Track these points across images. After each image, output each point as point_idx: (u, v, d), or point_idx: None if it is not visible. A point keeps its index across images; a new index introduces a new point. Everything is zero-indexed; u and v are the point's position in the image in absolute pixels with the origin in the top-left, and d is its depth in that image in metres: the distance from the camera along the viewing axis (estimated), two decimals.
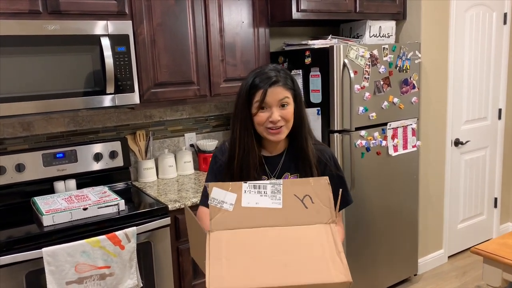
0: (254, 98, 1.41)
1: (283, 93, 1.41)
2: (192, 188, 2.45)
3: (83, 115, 2.52)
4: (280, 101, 1.41)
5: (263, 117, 1.42)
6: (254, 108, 1.42)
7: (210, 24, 2.49)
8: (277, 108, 1.41)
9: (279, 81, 1.42)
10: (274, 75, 1.42)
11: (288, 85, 1.44)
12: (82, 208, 2.01)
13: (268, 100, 1.40)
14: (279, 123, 1.42)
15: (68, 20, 2.07)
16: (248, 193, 1.22)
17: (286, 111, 1.43)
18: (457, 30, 3.28)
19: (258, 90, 1.41)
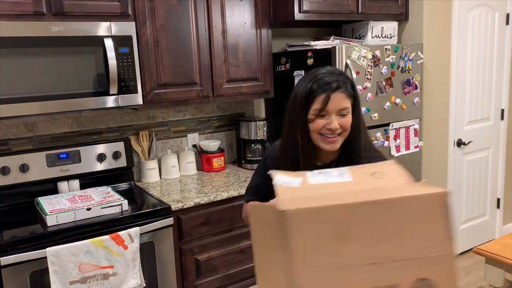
0: (313, 105, 1.33)
1: (345, 101, 1.33)
2: (195, 189, 2.46)
3: (87, 116, 2.53)
4: (341, 110, 1.33)
5: (320, 124, 1.34)
6: (311, 115, 1.34)
7: (212, 25, 2.50)
8: (336, 116, 1.33)
9: (341, 87, 1.33)
10: (335, 80, 1.33)
11: (349, 91, 1.35)
12: (86, 208, 2.03)
13: (329, 107, 1.32)
14: (337, 131, 1.34)
15: (72, 22, 2.08)
16: (314, 176, 1.13)
17: (345, 120, 1.34)
18: (460, 31, 3.28)
19: (318, 96, 1.32)
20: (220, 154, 2.83)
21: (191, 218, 2.25)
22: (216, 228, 2.33)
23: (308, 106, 1.34)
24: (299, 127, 1.36)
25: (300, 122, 1.36)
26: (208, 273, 2.33)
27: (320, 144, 1.36)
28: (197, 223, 2.27)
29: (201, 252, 2.30)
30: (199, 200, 2.26)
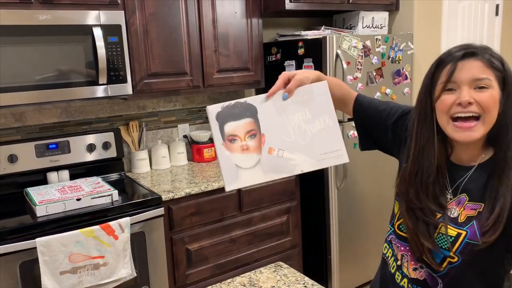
0: (439, 78, 1.03)
1: (483, 70, 0.98)
2: (185, 179, 2.46)
3: (76, 106, 2.51)
4: (476, 81, 0.98)
5: (448, 100, 1.00)
6: (437, 91, 1.03)
7: (203, 14, 2.48)
8: (469, 88, 0.98)
9: (478, 54, 1.00)
10: (474, 47, 1.02)
11: (493, 63, 0.99)
12: (76, 199, 2.02)
13: (457, 76, 0.99)
14: (471, 107, 0.98)
15: (60, 10, 2.05)
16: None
17: (484, 95, 0.97)
18: (450, 21, 3.29)
19: (445, 66, 1.02)
20: (211, 145, 2.83)
21: (182, 208, 2.25)
22: (207, 218, 2.33)
23: (434, 82, 1.04)
24: (422, 108, 1.07)
25: (424, 103, 1.07)
26: (199, 263, 2.34)
27: (450, 133, 1.02)
28: (188, 213, 2.27)
29: (192, 242, 2.30)
30: (190, 190, 2.26)
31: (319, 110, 1.13)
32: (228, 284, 1.36)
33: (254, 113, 1.11)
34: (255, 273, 1.42)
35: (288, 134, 1.11)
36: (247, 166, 1.09)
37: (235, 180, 1.08)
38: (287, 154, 1.10)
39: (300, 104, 1.13)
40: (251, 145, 1.09)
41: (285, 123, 1.11)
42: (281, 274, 1.40)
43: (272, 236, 2.58)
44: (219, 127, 1.09)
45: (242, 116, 1.10)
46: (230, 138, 1.09)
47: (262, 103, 1.12)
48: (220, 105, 1.10)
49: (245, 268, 2.49)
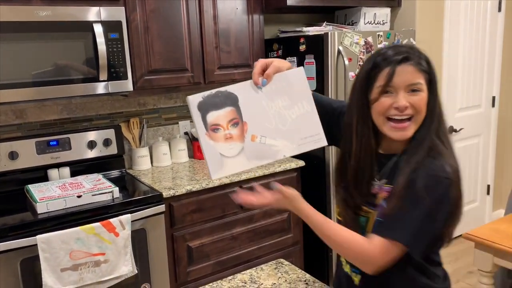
0: (377, 81, 1.10)
1: (416, 75, 1.07)
2: (186, 176, 2.45)
3: (76, 103, 2.50)
4: (410, 85, 1.07)
5: (385, 103, 1.09)
6: (374, 93, 1.10)
7: (204, 10, 2.47)
8: (404, 93, 1.08)
9: (411, 59, 1.08)
10: (404, 51, 1.09)
11: (422, 66, 1.09)
12: (76, 196, 2.01)
13: (395, 81, 1.07)
14: (407, 111, 1.08)
15: (60, 6, 2.04)
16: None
17: (417, 98, 1.07)
18: (452, 18, 3.27)
19: (382, 69, 1.09)
20: None
21: (183, 205, 2.25)
22: (208, 215, 2.33)
23: (371, 83, 1.11)
24: (359, 108, 1.14)
25: (361, 103, 1.14)
26: (200, 260, 2.34)
27: (386, 132, 1.12)
28: (189, 210, 2.27)
29: (193, 239, 2.30)
30: (191, 187, 2.25)
31: (297, 95, 1.16)
32: (229, 281, 1.35)
33: (235, 101, 1.12)
34: (256, 270, 1.41)
35: (269, 120, 1.14)
36: (231, 154, 1.11)
37: (220, 168, 1.10)
38: (269, 141, 1.13)
39: (279, 91, 1.15)
40: (234, 133, 1.11)
41: (266, 110, 1.14)
42: (282, 271, 1.40)
43: (273, 233, 2.58)
44: (201, 117, 1.10)
45: (223, 105, 1.11)
46: (213, 128, 1.10)
47: (242, 91, 1.13)
48: (201, 94, 1.11)
49: (246, 265, 2.48)
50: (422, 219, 1.05)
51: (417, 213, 1.05)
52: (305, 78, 1.17)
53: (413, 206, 1.05)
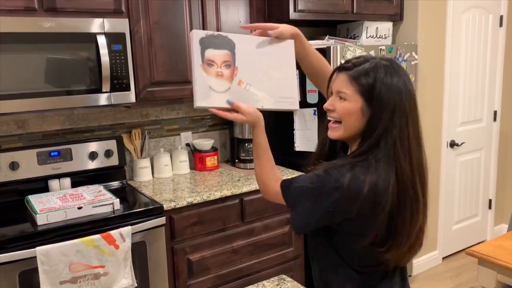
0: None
1: (345, 85, 1.16)
2: (187, 188, 2.44)
3: (79, 114, 2.50)
4: (339, 92, 1.18)
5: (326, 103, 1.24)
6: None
7: (207, 22, 2.48)
8: (335, 97, 1.20)
9: (350, 69, 1.17)
10: (353, 62, 1.19)
11: (358, 78, 1.15)
12: (77, 207, 2.00)
13: (332, 85, 1.22)
14: (331, 114, 1.21)
15: (64, 18, 2.05)
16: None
17: (341, 105, 1.18)
18: (454, 32, 3.29)
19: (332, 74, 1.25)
20: (214, 153, 2.81)
21: (183, 218, 2.23)
22: (208, 228, 2.31)
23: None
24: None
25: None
26: (201, 273, 2.32)
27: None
28: (190, 222, 2.25)
29: (193, 252, 2.28)
30: (192, 199, 2.24)
31: (284, 61, 1.32)
32: None
33: (232, 47, 1.27)
34: (257, 286, 1.40)
35: (257, 73, 1.29)
36: (218, 90, 1.24)
37: (206, 98, 1.23)
38: (253, 90, 1.28)
39: (271, 53, 1.31)
40: (225, 73, 1.25)
41: (256, 64, 1.29)
42: None
43: (274, 247, 2.56)
44: (201, 50, 1.23)
45: (222, 47, 1.25)
46: (208, 62, 1.24)
47: (241, 41, 1.28)
48: (205, 32, 1.25)
49: (247, 279, 2.46)
50: (305, 195, 1.17)
51: (305, 189, 1.18)
52: (293, 50, 1.34)
53: (307, 182, 1.18)
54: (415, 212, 1.15)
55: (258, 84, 1.28)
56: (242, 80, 1.27)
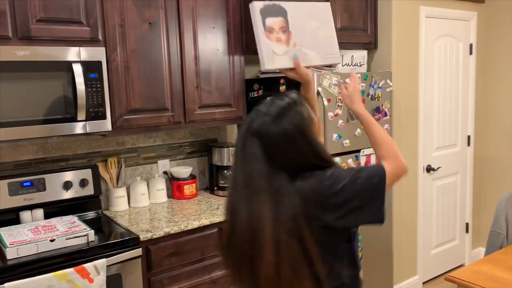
0: None
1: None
2: (165, 217, 2.39)
3: (53, 142, 2.45)
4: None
5: None
6: None
7: (185, 51, 2.49)
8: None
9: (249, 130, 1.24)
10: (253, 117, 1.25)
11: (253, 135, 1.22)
12: (49, 240, 1.93)
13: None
14: None
15: (39, 46, 2.03)
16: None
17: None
18: (427, 60, 3.38)
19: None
20: (192, 181, 2.78)
21: (160, 249, 2.18)
22: (186, 259, 2.26)
23: None
24: None
25: None
26: None
27: None
28: (167, 253, 2.20)
29: (171, 283, 2.22)
30: (169, 229, 2.20)
31: (325, 22, 1.55)
32: None
33: (285, 14, 1.46)
34: None
35: (306, 34, 1.49)
36: (280, 53, 1.43)
37: (272, 61, 1.41)
38: (305, 50, 1.47)
39: (314, 15, 1.52)
40: (283, 38, 1.44)
41: (304, 26, 1.49)
42: None
43: None
44: (262, 19, 1.41)
45: (277, 14, 1.44)
46: (269, 29, 1.42)
47: (290, 8, 1.47)
48: (262, 2, 1.43)
49: None
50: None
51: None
52: (330, 11, 1.57)
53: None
54: None
55: (309, 44, 1.48)
56: (296, 43, 1.46)
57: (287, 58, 1.44)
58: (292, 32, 1.46)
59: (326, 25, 1.53)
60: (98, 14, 2.19)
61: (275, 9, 1.44)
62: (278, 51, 1.42)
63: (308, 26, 1.49)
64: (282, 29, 1.44)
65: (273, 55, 1.41)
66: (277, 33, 1.42)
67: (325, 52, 1.51)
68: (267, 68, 1.42)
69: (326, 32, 1.53)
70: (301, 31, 1.47)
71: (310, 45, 1.49)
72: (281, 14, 1.44)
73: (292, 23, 1.46)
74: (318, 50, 1.50)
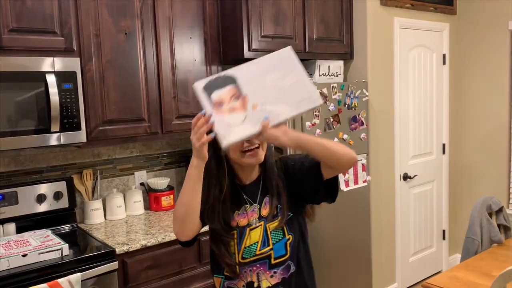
0: None
1: None
2: (142, 230, 2.35)
3: (26, 155, 2.39)
4: None
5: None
6: None
7: (161, 61, 2.47)
8: None
9: None
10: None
11: None
12: (21, 255, 1.88)
13: None
14: (256, 142, 1.39)
15: (12, 57, 1.99)
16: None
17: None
18: (401, 69, 3.45)
19: None
20: (170, 192, 2.75)
21: (137, 262, 2.14)
22: (164, 271, 2.22)
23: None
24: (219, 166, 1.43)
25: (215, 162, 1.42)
26: None
27: (245, 161, 1.41)
28: (144, 266, 2.16)
29: None
30: (146, 242, 2.16)
31: (288, 68, 1.34)
32: None
33: (234, 80, 1.30)
34: None
35: (267, 90, 1.31)
36: (237, 122, 1.27)
37: (229, 135, 1.26)
38: (270, 107, 1.29)
39: (271, 67, 1.33)
40: (237, 105, 1.28)
41: (262, 83, 1.32)
42: None
43: None
44: (207, 97, 1.28)
45: (224, 85, 1.29)
46: (218, 104, 1.28)
47: (239, 72, 1.31)
48: (204, 80, 1.30)
49: None
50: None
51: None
52: (292, 53, 1.36)
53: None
54: None
55: (273, 100, 1.30)
56: (256, 103, 1.29)
57: (249, 124, 1.27)
58: (248, 94, 1.29)
59: (291, 71, 1.33)
60: (72, 23, 2.17)
61: (220, 81, 1.30)
62: (234, 121, 1.27)
63: (267, 80, 1.32)
64: (234, 96, 1.28)
65: (229, 129, 1.26)
66: (229, 103, 1.27)
67: (297, 100, 1.31)
68: (226, 144, 1.26)
69: (293, 77, 1.33)
70: (260, 89, 1.30)
71: (275, 100, 1.30)
72: (229, 82, 1.30)
73: (246, 85, 1.30)
74: (287, 100, 1.31)
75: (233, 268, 1.43)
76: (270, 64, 1.33)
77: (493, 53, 3.68)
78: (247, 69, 1.32)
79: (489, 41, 3.69)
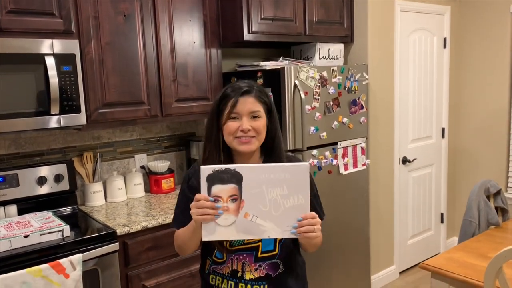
0: (225, 108, 1.39)
1: (255, 105, 1.39)
2: (142, 212, 2.37)
3: (26, 137, 2.40)
4: (252, 113, 1.39)
5: (233, 126, 1.38)
6: (224, 118, 1.39)
7: (160, 44, 2.46)
8: (248, 118, 1.38)
9: (252, 92, 1.40)
10: (246, 85, 1.41)
11: (261, 98, 1.41)
12: (23, 236, 1.90)
13: (239, 108, 1.38)
14: (250, 133, 1.38)
15: (11, 38, 1.98)
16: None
17: (257, 123, 1.39)
18: (402, 53, 3.43)
19: (229, 99, 1.39)
20: (170, 175, 2.76)
21: (138, 243, 2.17)
22: (164, 253, 2.25)
23: (221, 111, 1.41)
24: (213, 133, 1.42)
25: (213, 128, 1.42)
26: None
27: (236, 146, 1.40)
28: (145, 247, 2.18)
29: (149, 278, 2.21)
30: (147, 223, 2.18)
31: (296, 188, 1.29)
32: None
33: (239, 180, 1.27)
34: None
35: (265, 204, 1.28)
36: (224, 224, 1.27)
37: (212, 233, 1.27)
38: (259, 221, 1.28)
39: (281, 180, 1.28)
40: (231, 207, 1.27)
41: (264, 194, 1.28)
42: None
43: None
44: (207, 187, 1.26)
45: (228, 182, 1.26)
46: (215, 198, 1.26)
47: (248, 173, 1.27)
48: (212, 167, 1.27)
49: None
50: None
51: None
52: (307, 175, 1.29)
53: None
54: None
55: (265, 215, 1.28)
56: (248, 213, 1.27)
57: (232, 230, 1.27)
58: (245, 200, 1.27)
59: (297, 192, 1.28)
60: (71, 5, 2.15)
61: (227, 175, 1.26)
62: (222, 222, 1.26)
63: (270, 194, 1.27)
64: (232, 197, 1.26)
65: (214, 227, 1.26)
66: (225, 202, 1.26)
67: (287, 224, 1.28)
68: (205, 240, 1.28)
69: (296, 200, 1.28)
70: (259, 199, 1.27)
71: (267, 216, 1.27)
72: (234, 180, 1.26)
73: (247, 190, 1.27)
74: (277, 221, 1.27)
75: (222, 250, 1.43)
76: (281, 178, 1.28)
77: (494, 37, 3.66)
78: (257, 172, 1.28)
79: (490, 25, 3.67)
